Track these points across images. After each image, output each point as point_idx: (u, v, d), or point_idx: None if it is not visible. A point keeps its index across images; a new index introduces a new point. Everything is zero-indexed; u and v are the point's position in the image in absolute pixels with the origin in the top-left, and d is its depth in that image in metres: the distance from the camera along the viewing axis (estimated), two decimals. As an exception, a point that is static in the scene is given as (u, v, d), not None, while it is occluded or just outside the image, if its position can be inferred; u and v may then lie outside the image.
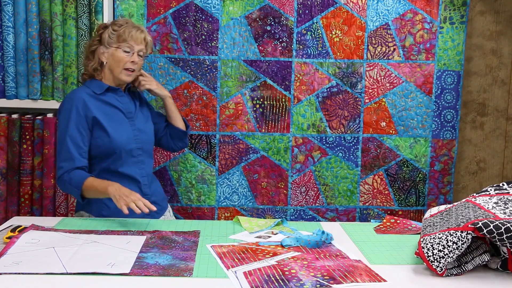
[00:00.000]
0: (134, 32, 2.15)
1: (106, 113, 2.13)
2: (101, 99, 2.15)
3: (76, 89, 2.22)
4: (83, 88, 2.17)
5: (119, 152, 2.12)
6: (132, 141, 2.16)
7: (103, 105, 2.14)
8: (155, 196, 2.24)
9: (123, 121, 2.17)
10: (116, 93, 2.19)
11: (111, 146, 2.10)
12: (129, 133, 2.16)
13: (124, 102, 2.20)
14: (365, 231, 1.93)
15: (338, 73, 2.69)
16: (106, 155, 2.12)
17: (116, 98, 2.19)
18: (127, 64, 2.14)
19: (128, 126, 2.17)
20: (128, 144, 2.14)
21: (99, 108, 2.12)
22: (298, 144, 2.72)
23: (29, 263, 1.52)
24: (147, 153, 2.24)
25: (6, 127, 2.54)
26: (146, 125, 2.27)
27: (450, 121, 2.73)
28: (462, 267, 1.53)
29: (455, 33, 2.68)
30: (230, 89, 2.67)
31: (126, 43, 2.13)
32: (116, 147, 2.11)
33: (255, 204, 2.75)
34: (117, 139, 2.10)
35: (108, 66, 2.16)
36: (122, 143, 2.12)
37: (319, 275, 1.48)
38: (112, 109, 2.16)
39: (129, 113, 2.20)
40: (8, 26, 2.49)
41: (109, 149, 2.11)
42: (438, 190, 2.77)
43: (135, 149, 2.17)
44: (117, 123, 2.14)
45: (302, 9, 2.65)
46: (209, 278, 1.48)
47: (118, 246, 1.69)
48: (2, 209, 2.57)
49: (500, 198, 1.68)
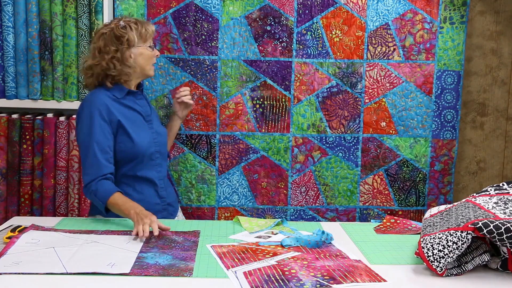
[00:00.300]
0: (151, 28, 2.20)
1: (128, 118, 2.12)
2: (122, 103, 2.13)
3: (95, 91, 2.14)
4: (102, 91, 2.12)
5: (141, 157, 2.11)
6: (152, 145, 2.16)
7: (124, 109, 2.13)
8: (170, 198, 2.27)
9: (143, 125, 2.17)
10: (135, 96, 2.19)
11: (134, 151, 2.09)
12: (149, 136, 2.16)
13: (143, 105, 2.21)
14: (365, 231, 1.93)
15: (338, 73, 2.69)
16: (129, 160, 2.10)
17: (135, 101, 2.18)
18: (153, 59, 2.21)
19: (147, 129, 2.18)
20: (149, 148, 2.14)
21: (121, 112, 2.10)
22: (298, 144, 2.72)
23: (29, 263, 1.52)
24: (163, 155, 2.26)
25: (6, 127, 2.54)
26: (161, 127, 2.29)
27: (450, 121, 2.73)
28: (462, 267, 1.53)
29: (455, 33, 2.68)
30: (230, 89, 2.67)
31: (149, 40, 2.18)
32: (139, 152, 2.10)
33: (255, 204, 2.75)
34: (140, 144, 2.10)
35: (138, 65, 2.16)
36: (144, 147, 2.11)
37: (319, 275, 1.48)
38: (133, 113, 2.15)
39: (148, 116, 2.21)
40: (8, 26, 2.49)
41: (132, 154, 2.09)
42: (438, 190, 2.77)
43: (154, 152, 2.17)
44: (138, 127, 2.14)
45: (302, 9, 2.65)
46: (209, 278, 1.48)
47: (118, 246, 1.69)
48: (2, 209, 2.57)
49: (500, 198, 1.68)
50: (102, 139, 2.03)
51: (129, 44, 2.12)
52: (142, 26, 2.16)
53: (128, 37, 2.11)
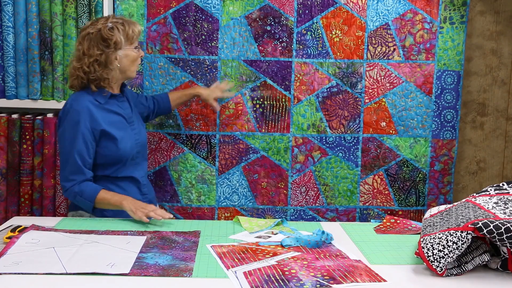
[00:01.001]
0: (138, 29, 2.15)
1: (112, 123, 2.11)
2: (105, 108, 2.12)
3: (78, 96, 2.09)
4: (86, 96, 2.09)
5: (124, 160, 2.13)
6: (134, 146, 2.17)
7: (108, 115, 2.11)
8: (150, 195, 2.28)
9: (126, 128, 2.16)
10: (117, 99, 2.17)
11: (118, 155, 2.10)
12: (131, 138, 2.16)
13: (125, 108, 2.20)
14: (365, 231, 1.93)
15: (338, 73, 2.69)
16: (113, 163, 2.12)
17: (118, 104, 2.17)
18: (138, 60, 2.18)
19: (130, 131, 2.17)
20: (132, 150, 2.15)
21: (105, 118, 2.09)
22: (298, 144, 2.72)
23: (29, 263, 1.52)
24: (144, 154, 2.28)
25: (6, 127, 2.54)
26: (141, 126, 2.29)
27: (450, 121, 2.73)
28: (462, 267, 1.52)
29: (455, 33, 2.68)
30: (230, 89, 2.67)
31: (135, 41, 2.14)
32: (123, 156, 2.11)
33: (255, 204, 2.75)
34: (124, 148, 2.11)
35: (122, 68, 2.12)
36: (128, 151, 2.13)
37: (319, 275, 1.48)
38: (116, 117, 2.15)
39: (130, 118, 2.20)
40: (8, 26, 2.49)
41: (116, 158, 2.11)
42: (438, 190, 2.77)
43: (136, 153, 2.18)
44: (122, 131, 2.13)
45: (302, 9, 2.65)
46: (209, 278, 1.48)
47: (118, 246, 1.69)
48: (2, 209, 2.57)
49: (500, 198, 1.67)
50: (83, 148, 2.04)
51: (116, 47, 2.08)
52: (129, 26, 2.10)
53: (115, 39, 2.06)
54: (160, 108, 2.50)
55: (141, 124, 2.30)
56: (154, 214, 1.93)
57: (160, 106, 2.50)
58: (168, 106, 2.51)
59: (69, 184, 2.05)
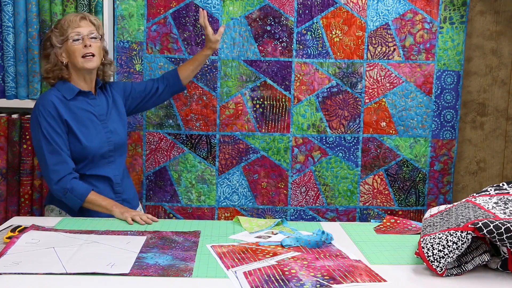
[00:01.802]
0: (71, 18, 2.10)
1: (77, 119, 2.10)
2: (71, 104, 2.11)
3: (46, 92, 2.14)
4: (53, 91, 2.12)
5: (91, 157, 2.11)
6: (104, 145, 2.13)
7: (74, 111, 2.10)
8: (126, 194, 2.24)
9: (95, 125, 2.13)
10: (87, 97, 2.15)
11: (83, 152, 2.09)
12: (101, 137, 2.13)
13: (96, 105, 2.16)
14: (365, 231, 1.93)
15: (338, 73, 2.69)
16: (79, 159, 2.11)
17: (87, 102, 2.14)
18: (82, 50, 2.08)
19: (101, 129, 2.14)
20: (101, 148, 2.12)
21: (69, 114, 2.09)
22: (298, 144, 2.72)
23: (29, 263, 1.52)
24: (119, 152, 2.21)
25: (6, 127, 2.54)
26: (119, 124, 2.22)
27: (450, 121, 2.73)
28: (462, 267, 1.52)
29: (455, 33, 2.68)
30: (230, 89, 2.67)
31: (71, 31, 2.08)
32: (88, 153, 2.10)
33: (255, 204, 2.75)
34: (89, 145, 2.09)
35: (70, 63, 2.12)
36: (95, 148, 2.10)
37: (319, 275, 1.48)
38: (84, 114, 2.12)
39: (101, 116, 2.16)
40: (8, 26, 2.49)
41: (81, 155, 2.10)
42: (438, 190, 2.77)
43: (107, 151, 2.15)
44: (89, 128, 2.11)
45: (302, 9, 2.65)
46: (209, 278, 1.48)
47: (118, 246, 1.68)
48: (2, 209, 2.57)
49: (500, 198, 1.68)
50: (58, 138, 2.05)
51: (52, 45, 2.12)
52: (63, 19, 2.11)
53: (51, 38, 2.12)
54: (171, 85, 2.40)
55: (120, 122, 2.24)
56: (138, 219, 1.96)
57: (170, 83, 2.40)
58: (178, 81, 2.40)
59: (55, 177, 2.04)
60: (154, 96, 2.39)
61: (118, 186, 2.20)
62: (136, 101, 2.36)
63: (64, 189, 2.05)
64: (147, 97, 2.37)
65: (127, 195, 2.25)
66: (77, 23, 2.09)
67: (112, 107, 2.23)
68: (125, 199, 2.22)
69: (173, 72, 2.42)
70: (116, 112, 2.25)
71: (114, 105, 2.25)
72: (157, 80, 2.40)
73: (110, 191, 2.17)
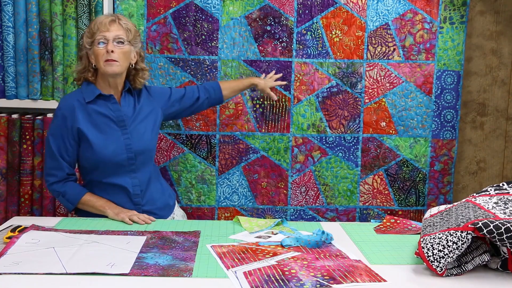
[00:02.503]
0: (101, 19, 2.07)
1: (93, 124, 2.06)
2: (90, 108, 2.07)
3: (69, 94, 2.15)
4: (76, 94, 2.11)
5: (105, 165, 2.05)
6: (122, 152, 2.06)
7: (91, 115, 2.06)
8: (149, 205, 2.15)
9: (112, 131, 2.07)
10: (109, 101, 2.09)
11: (96, 159, 2.04)
12: (119, 143, 2.06)
13: (116, 110, 2.09)
14: (365, 231, 1.93)
15: (338, 73, 2.69)
16: (92, 167, 2.07)
17: (107, 106, 2.08)
18: (105, 55, 2.03)
19: (119, 135, 2.07)
20: (117, 156, 2.05)
21: (86, 118, 2.06)
22: (298, 144, 2.72)
23: (29, 263, 1.52)
24: (142, 160, 2.12)
25: (6, 127, 2.54)
26: (145, 131, 2.14)
27: (450, 121, 2.73)
28: (462, 267, 1.52)
29: (455, 33, 2.68)
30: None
31: (98, 34, 2.05)
32: (101, 160, 2.04)
33: (255, 204, 2.75)
34: (103, 152, 2.03)
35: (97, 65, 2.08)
36: (108, 155, 2.04)
37: (319, 275, 1.48)
38: (102, 119, 2.07)
39: (121, 121, 2.09)
40: (8, 26, 2.49)
41: (94, 161, 2.05)
42: (438, 190, 2.77)
43: (126, 159, 2.08)
44: (105, 134, 2.06)
45: (302, 9, 2.65)
46: (209, 278, 1.48)
47: (118, 246, 1.69)
48: (2, 209, 2.57)
49: (500, 198, 1.68)
50: (61, 144, 2.06)
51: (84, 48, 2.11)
52: (94, 21, 2.09)
53: (83, 41, 2.12)
54: (212, 99, 2.39)
55: (149, 130, 2.16)
56: (136, 218, 1.97)
57: (211, 96, 2.38)
58: (220, 96, 2.40)
59: (51, 179, 2.08)
60: (193, 105, 2.35)
61: (138, 197, 2.11)
62: (174, 108, 2.29)
63: (57, 192, 2.09)
64: (186, 104, 2.32)
65: (151, 206, 2.15)
66: (106, 26, 2.05)
67: (140, 113, 2.16)
68: (148, 210, 2.12)
69: (215, 86, 2.39)
70: (144, 117, 2.16)
71: (142, 111, 2.17)
72: (198, 89, 2.36)
73: (128, 201, 2.10)
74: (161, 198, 2.21)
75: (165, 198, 2.24)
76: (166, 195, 2.25)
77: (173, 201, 2.30)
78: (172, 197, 2.30)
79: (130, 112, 2.13)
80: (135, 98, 2.18)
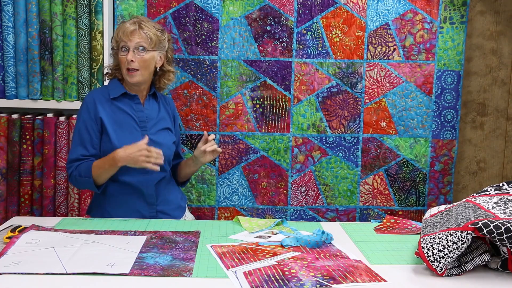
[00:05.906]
0: (125, 28, 2.07)
1: (115, 120, 2.08)
2: (114, 104, 2.10)
3: (94, 89, 2.22)
4: (101, 90, 2.15)
5: None
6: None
7: (115, 111, 2.09)
8: (163, 205, 2.17)
9: (132, 130, 2.09)
10: (133, 100, 2.13)
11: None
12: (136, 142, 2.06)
13: (139, 110, 2.12)
14: (365, 231, 1.93)
15: (338, 73, 2.69)
16: None
17: (131, 105, 2.12)
18: (126, 64, 2.06)
19: (139, 136, 2.08)
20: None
21: (109, 112, 2.08)
22: (298, 144, 2.72)
23: (29, 263, 1.52)
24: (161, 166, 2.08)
25: (6, 127, 2.54)
26: (164, 137, 2.16)
27: (450, 121, 2.73)
28: (462, 267, 1.52)
29: (455, 33, 2.68)
30: (230, 89, 2.67)
31: (121, 40, 2.06)
32: None
33: (255, 204, 2.75)
34: (121, 147, 2.01)
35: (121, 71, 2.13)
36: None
37: (319, 275, 1.48)
38: (124, 116, 2.10)
39: (143, 122, 2.12)
40: (8, 26, 2.49)
41: None
42: (438, 190, 2.77)
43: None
44: (125, 131, 2.08)
45: (302, 9, 2.65)
46: (209, 278, 1.48)
47: (118, 246, 1.68)
48: (2, 209, 2.57)
49: (500, 198, 1.67)
50: (86, 137, 2.07)
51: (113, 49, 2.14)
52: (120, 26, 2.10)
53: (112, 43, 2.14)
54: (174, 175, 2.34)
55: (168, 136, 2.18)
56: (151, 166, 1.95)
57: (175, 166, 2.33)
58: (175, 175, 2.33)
59: (69, 170, 2.08)
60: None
61: (152, 198, 2.14)
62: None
63: (74, 179, 2.06)
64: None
65: (164, 207, 2.17)
66: (127, 36, 2.05)
67: (162, 118, 2.18)
68: (161, 210, 2.15)
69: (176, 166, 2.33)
70: (165, 124, 2.19)
71: (164, 117, 2.19)
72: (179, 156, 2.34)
73: (143, 201, 2.12)
74: (174, 200, 2.23)
75: (178, 200, 2.26)
76: (179, 197, 2.27)
77: (184, 203, 2.31)
78: (184, 199, 2.32)
79: (152, 115, 2.16)
80: (159, 104, 2.21)
